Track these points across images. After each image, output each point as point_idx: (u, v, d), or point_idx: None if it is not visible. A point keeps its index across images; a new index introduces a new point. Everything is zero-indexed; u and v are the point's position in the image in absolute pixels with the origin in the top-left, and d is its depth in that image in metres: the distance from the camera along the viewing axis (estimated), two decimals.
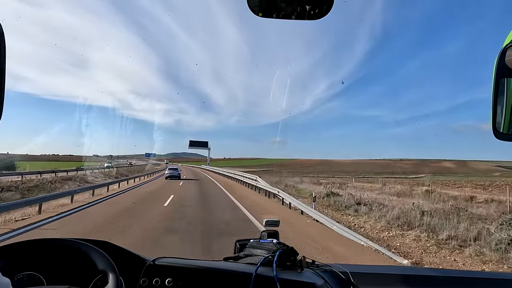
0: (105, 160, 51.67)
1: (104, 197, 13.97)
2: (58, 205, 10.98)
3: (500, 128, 0.79)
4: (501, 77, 0.77)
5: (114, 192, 15.99)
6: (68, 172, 24.82)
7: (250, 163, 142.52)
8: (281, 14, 0.82)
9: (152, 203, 12.22)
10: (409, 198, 15.16)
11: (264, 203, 13.66)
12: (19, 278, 0.96)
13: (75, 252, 0.92)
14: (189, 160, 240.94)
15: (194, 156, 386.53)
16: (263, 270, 1.01)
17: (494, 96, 0.77)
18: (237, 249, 1.34)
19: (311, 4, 0.81)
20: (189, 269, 1.04)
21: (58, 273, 1.00)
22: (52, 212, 9.69)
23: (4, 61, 0.63)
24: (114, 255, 0.93)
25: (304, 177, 54.03)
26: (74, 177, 22.35)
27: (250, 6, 0.82)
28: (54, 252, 0.96)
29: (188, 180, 24.97)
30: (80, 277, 1.00)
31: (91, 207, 11.25)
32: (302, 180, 26.23)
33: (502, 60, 0.74)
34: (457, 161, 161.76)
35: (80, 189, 13.93)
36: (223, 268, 1.07)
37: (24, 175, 19.93)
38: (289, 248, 1.13)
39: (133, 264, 1.03)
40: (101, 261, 0.88)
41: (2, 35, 0.63)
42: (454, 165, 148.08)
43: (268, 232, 1.36)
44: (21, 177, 19.31)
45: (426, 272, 1.54)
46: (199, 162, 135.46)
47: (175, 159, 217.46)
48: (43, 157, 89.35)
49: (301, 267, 1.08)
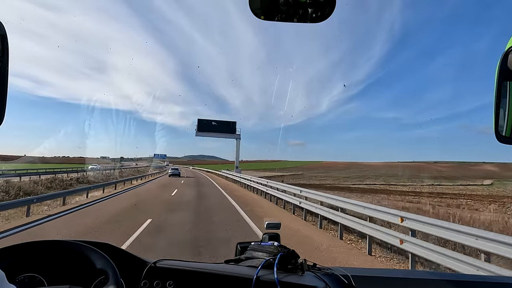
0: (109, 162, 48.79)
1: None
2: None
3: (502, 131, 0.78)
4: (503, 81, 0.75)
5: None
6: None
7: (271, 166, 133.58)
8: (283, 17, 0.82)
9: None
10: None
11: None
12: (20, 279, 0.94)
13: (76, 253, 0.93)
14: (205, 162, 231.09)
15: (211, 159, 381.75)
16: (264, 273, 1.00)
17: (497, 100, 0.76)
18: (238, 252, 1.30)
19: (313, 7, 0.81)
20: (190, 272, 1.04)
21: (59, 275, 0.98)
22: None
23: (7, 62, 0.63)
24: (115, 257, 0.94)
25: (352, 185, 46.13)
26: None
27: (252, 9, 0.82)
28: (55, 253, 0.97)
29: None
30: (81, 278, 0.98)
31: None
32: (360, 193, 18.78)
33: (504, 64, 0.73)
34: (498, 164, 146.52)
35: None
36: (224, 270, 1.05)
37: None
38: (290, 251, 1.11)
39: (134, 266, 1.03)
40: (101, 262, 0.89)
41: (6, 36, 0.63)
42: (497, 168, 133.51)
43: (269, 235, 1.35)
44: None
45: (428, 275, 1.53)
46: (217, 165, 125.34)
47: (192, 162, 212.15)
48: (55, 159, 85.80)
49: (302, 270, 1.06)
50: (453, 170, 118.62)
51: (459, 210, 15.31)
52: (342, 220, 7.37)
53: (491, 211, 14.54)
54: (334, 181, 56.79)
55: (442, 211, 12.81)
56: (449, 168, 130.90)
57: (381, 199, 18.67)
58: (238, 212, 10.98)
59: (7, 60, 0.63)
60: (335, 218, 7.74)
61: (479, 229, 4.26)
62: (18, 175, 23.92)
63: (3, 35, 0.62)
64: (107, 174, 31.62)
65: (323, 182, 54.02)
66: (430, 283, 1.23)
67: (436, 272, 3.92)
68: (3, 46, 0.62)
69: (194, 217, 9.67)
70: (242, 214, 10.56)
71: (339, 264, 5.55)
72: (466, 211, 14.31)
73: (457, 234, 4.27)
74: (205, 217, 9.75)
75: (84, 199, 13.55)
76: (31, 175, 25.04)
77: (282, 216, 10.45)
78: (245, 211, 11.13)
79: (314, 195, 9.72)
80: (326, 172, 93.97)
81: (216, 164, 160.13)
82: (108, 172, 35.15)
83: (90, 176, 26.54)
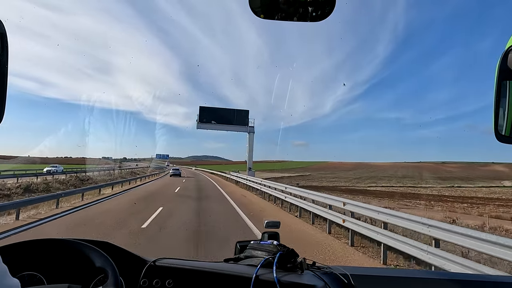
0: (110, 162, 47.96)
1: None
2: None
3: (502, 130, 0.77)
4: (503, 80, 0.75)
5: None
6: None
7: (275, 167, 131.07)
8: (283, 15, 0.82)
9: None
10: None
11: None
12: (20, 277, 0.92)
13: (75, 252, 0.93)
14: (208, 163, 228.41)
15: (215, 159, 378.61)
16: (263, 271, 1.00)
17: (496, 99, 0.76)
18: (238, 251, 1.28)
19: (313, 6, 0.81)
20: (189, 270, 1.04)
21: (58, 273, 0.98)
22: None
23: (7, 60, 0.62)
24: (115, 256, 0.93)
25: (369, 188, 43.35)
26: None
27: (252, 7, 0.82)
28: (54, 252, 0.96)
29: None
30: (81, 277, 0.97)
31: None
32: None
33: (504, 63, 0.73)
34: (507, 164, 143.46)
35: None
36: (223, 269, 1.05)
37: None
38: (289, 250, 1.11)
39: (133, 265, 1.03)
40: (100, 260, 0.89)
41: (5, 35, 0.62)
42: (506, 169, 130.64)
43: (268, 234, 1.33)
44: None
45: (427, 274, 1.51)
46: (220, 166, 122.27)
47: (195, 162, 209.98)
48: (56, 159, 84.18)
49: (301, 269, 1.05)
50: (463, 170, 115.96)
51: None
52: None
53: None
54: (347, 183, 54.31)
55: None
56: (458, 168, 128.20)
57: (443, 210, 15.92)
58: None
59: (6, 59, 0.62)
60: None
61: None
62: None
63: (3, 33, 0.61)
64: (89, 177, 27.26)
65: (336, 184, 51.54)
66: (430, 283, 1.21)
67: (436, 271, 3.78)
68: (2, 44, 0.61)
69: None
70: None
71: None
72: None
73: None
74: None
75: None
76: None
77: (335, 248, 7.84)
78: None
79: (367, 210, 6.66)
80: (334, 173, 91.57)
81: (219, 165, 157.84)
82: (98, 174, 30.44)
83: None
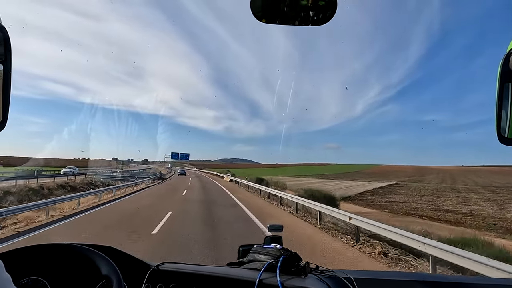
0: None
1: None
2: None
3: (504, 133, 0.77)
4: (505, 82, 0.75)
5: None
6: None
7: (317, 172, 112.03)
8: (284, 19, 0.82)
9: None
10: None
11: None
12: (24, 283, 0.94)
13: (79, 257, 0.93)
14: (238, 166, 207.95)
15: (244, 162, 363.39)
16: (266, 275, 0.99)
17: (499, 101, 0.75)
18: (241, 254, 1.28)
19: (315, 10, 0.81)
20: (193, 275, 1.04)
21: (62, 278, 0.98)
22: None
23: (10, 66, 0.63)
24: (118, 260, 0.94)
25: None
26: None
27: (254, 12, 0.81)
28: (58, 257, 0.96)
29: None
30: (84, 282, 0.97)
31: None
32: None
33: (506, 65, 0.73)
34: None
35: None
36: (226, 273, 1.05)
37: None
38: (292, 253, 1.10)
39: (136, 269, 1.03)
40: (104, 266, 0.89)
41: (8, 41, 0.62)
42: None
43: (271, 237, 1.33)
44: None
45: (431, 278, 1.50)
46: (249, 170, 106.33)
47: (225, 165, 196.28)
48: (78, 161, 76.30)
49: (304, 273, 1.04)
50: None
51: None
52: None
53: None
54: (478, 197, 35.14)
55: None
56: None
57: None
58: None
59: (10, 65, 0.62)
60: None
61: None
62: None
63: (6, 39, 0.62)
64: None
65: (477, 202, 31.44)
66: (433, 286, 1.19)
67: (441, 275, 3.77)
68: (6, 50, 0.62)
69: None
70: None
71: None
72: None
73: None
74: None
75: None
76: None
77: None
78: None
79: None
80: (418, 181, 70.06)
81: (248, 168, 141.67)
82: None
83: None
